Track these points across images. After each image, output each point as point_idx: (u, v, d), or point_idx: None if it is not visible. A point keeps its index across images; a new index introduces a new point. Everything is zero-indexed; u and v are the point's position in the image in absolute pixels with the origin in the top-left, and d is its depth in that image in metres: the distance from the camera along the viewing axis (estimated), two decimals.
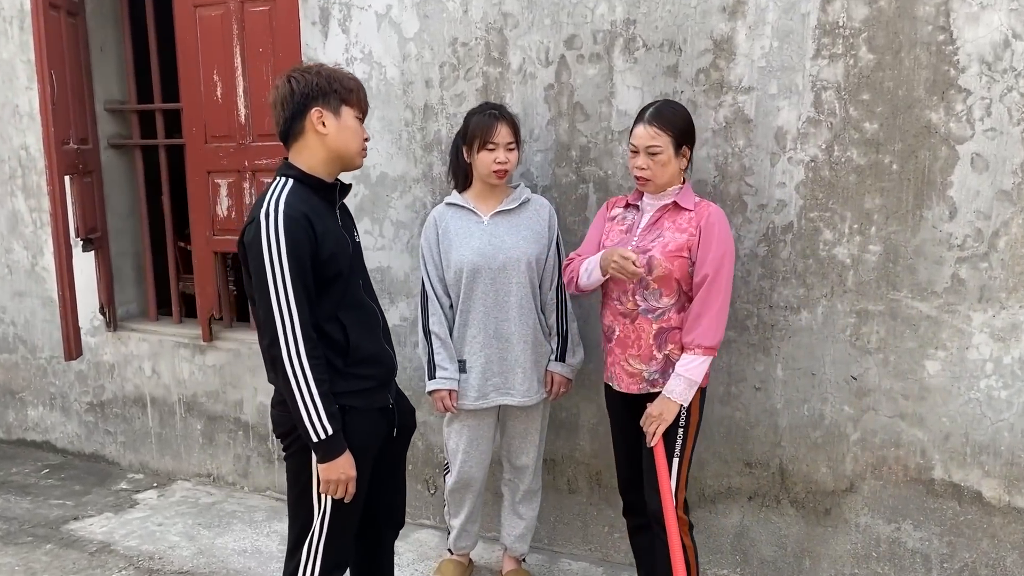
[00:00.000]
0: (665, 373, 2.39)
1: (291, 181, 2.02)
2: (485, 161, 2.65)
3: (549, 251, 2.78)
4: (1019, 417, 2.49)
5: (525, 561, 3.08)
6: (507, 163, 2.66)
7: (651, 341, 2.39)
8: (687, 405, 2.36)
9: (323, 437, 1.97)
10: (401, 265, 3.32)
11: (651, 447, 2.38)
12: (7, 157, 4.17)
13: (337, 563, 2.16)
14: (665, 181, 2.39)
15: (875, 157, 2.53)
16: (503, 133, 2.64)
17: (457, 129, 2.86)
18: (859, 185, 2.56)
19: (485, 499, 3.04)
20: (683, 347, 2.36)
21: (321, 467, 2.01)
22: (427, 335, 2.78)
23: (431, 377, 2.75)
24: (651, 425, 2.37)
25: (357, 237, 2.21)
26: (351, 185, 2.20)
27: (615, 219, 2.55)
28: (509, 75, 2.99)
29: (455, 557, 3.05)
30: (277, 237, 1.91)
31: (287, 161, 2.08)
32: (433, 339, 2.76)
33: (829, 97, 2.56)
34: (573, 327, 2.85)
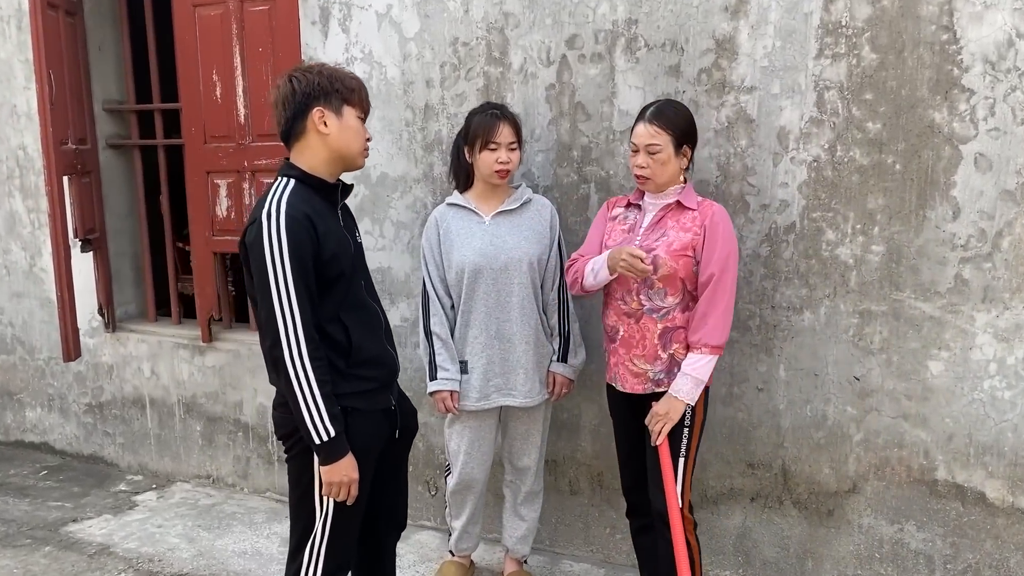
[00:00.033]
0: (670, 373, 2.39)
1: (293, 181, 2.01)
2: (487, 161, 2.64)
3: (551, 251, 2.78)
4: (1023, 418, 2.48)
5: (527, 563, 3.07)
6: (509, 163, 2.65)
7: (656, 341, 2.38)
8: (693, 404, 2.36)
9: (325, 439, 1.96)
10: (401, 265, 3.30)
11: (656, 446, 2.38)
12: (5, 157, 4.15)
13: (339, 565, 2.14)
14: (665, 180, 2.39)
15: (878, 157, 2.53)
16: (505, 133, 2.63)
17: (458, 129, 2.85)
18: (862, 185, 2.56)
19: (486, 500, 3.02)
20: (689, 346, 2.36)
21: (323, 469, 2.00)
22: (428, 336, 2.77)
23: (432, 378, 2.74)
24: (657, 424, 2.36)
25: (359, 237, 2.20)
26: (353, 185, 2.19)
27: (616, 219, 2.54)
28: (510, 75, 2.98)
29: (456, 559, 3.04)
30: (279, 238, 1.90)
31: (288, 161, 2.07)
32: (434, 340, 2.75)
33: (832, 97, 2.55)
34: (575, 327, 2.84)
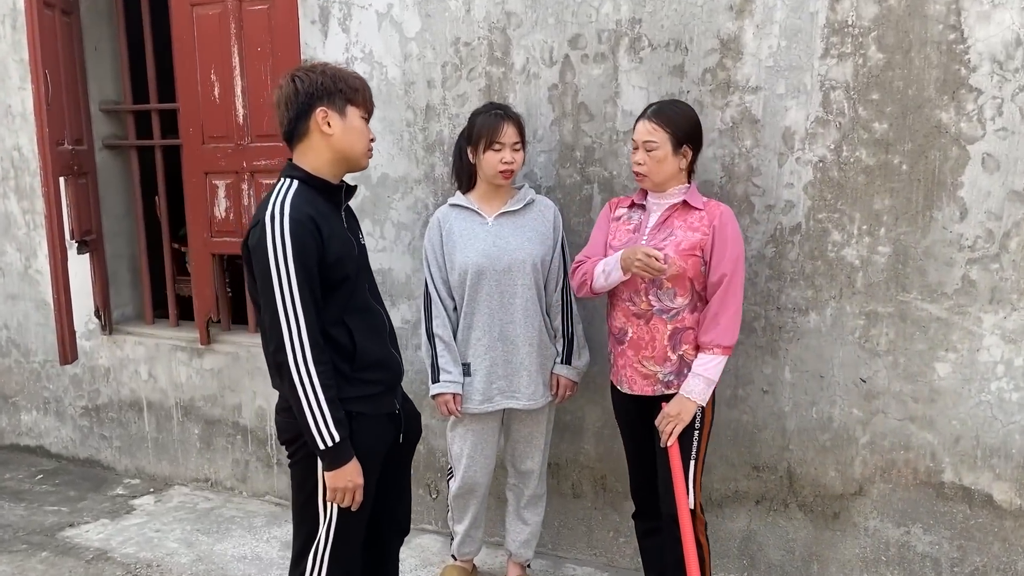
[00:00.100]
0: (679, 374, 2.37)
1: (296, 183, 1.98)
2: (491, 161, 2.61)
3: (554, 252, 2.75)
4: None
5: (530, 567, 3.04)
6: (513, 163, 2.62)
7: (666, 342, 2.36)
8: (704, 405, 2.34)
9: (330, 444, 1.93)
10: (402, 267, 3.28)
11: (666, 447, 2.36)
12: None
13: (344, 572, 2.11)
14: (662, 179, 2.37)
15: (884, 157, 2.51)
16: (509, 133, 2.60)
17: (460, 130, 2.83)
18: (868, 186, 2.54)
19: (489, 504, 3.00)
20: (700, 347, 2.34)
21: (328, 475, 1.97)
22: (430, 338, 2.74)
23: (435, 380, 2.71)
24: (668, 425, 2.34)
25: (362, 239, 2.18)
26: (357, 187, 2.16)
27: (620, 219, 2.52)
28: (512, 75, 2.96)
29: (459, 563, 3.01)
30: (283, 240, 1.87)
31: (291, 162, 2.04)
32: (437, 342, 2.72)
33: (838, 97, 2.53)
34: (578, 329, 2.82)
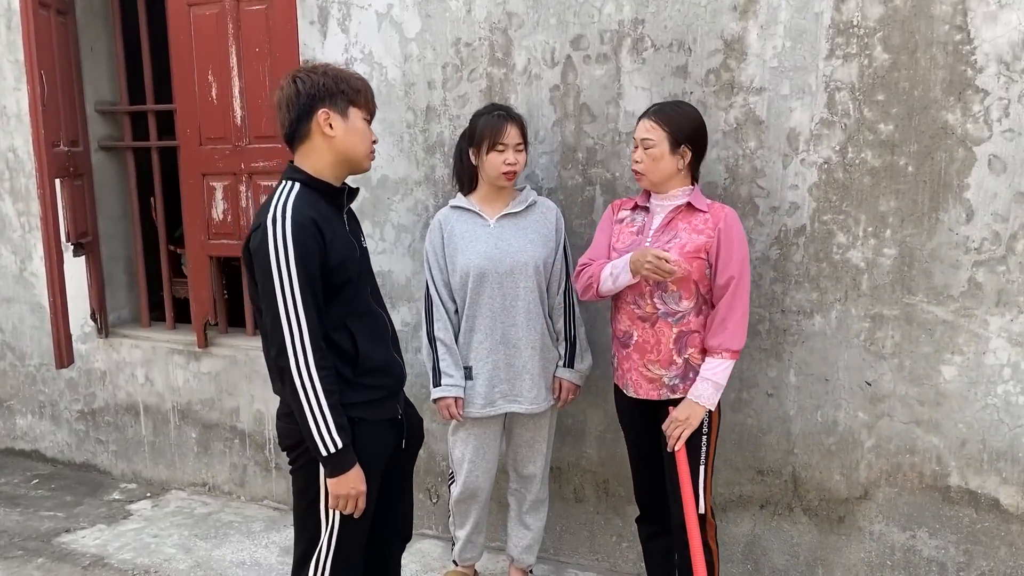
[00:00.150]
0: (685, 378, 2.35)
1: (298, 185, 1.95)
2: (494, 163, 2.59)
3: (556, 255, 2.73)
4: None
5: (532, 572, 3.01)
6: (516, 164, 2.60)
7: (671, 346, 2.34)
8: (712, 409, 2.33)
9: (332, 451, 1.90)
10: (403, 269, 3.25)
11: (674, 452, 2.33)
12: None
13: None
14: (659, 178, 2.36)
15: (890, 159, 2.49)
16: (512, 134, 2.58)
17: (460, 131, 2.80)
18: (874, 187, 2.52)
19: (490, 509, 2.97)
20: (707, 351, 2.32)
21: (330, 482, 1.94)
22: (432, 341, 2.71)
23: (436, 384, 2.68)
24: (676, 429, 2.32)
25: (364, 242, 2.15)
26: (359, 189, 2.13)
27: (623, 221, 2.50)
28: (514, 76, 2.93)
29: (460, 569, 2.98)
30: (285, 244, 1.85)
31: (292, 164, 2.02)
32: (438, 345, 2.69)
33: (843, 98, 2.51)
34: (581, 332, 2.79)
